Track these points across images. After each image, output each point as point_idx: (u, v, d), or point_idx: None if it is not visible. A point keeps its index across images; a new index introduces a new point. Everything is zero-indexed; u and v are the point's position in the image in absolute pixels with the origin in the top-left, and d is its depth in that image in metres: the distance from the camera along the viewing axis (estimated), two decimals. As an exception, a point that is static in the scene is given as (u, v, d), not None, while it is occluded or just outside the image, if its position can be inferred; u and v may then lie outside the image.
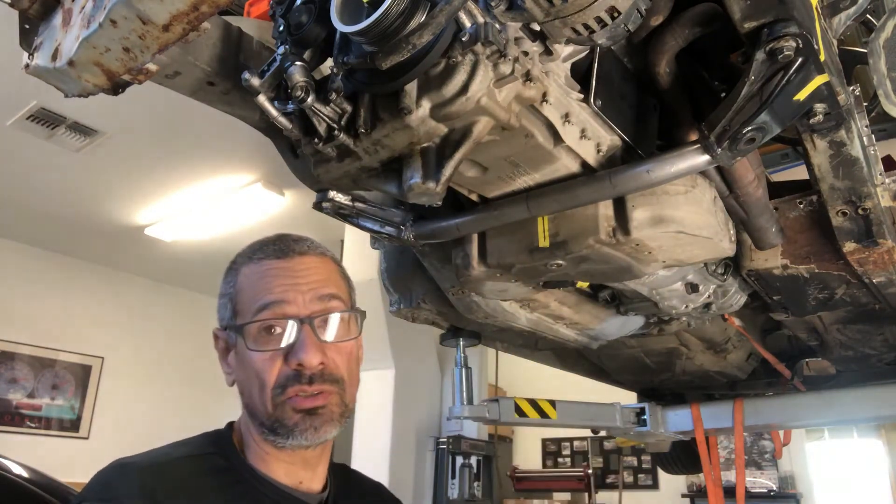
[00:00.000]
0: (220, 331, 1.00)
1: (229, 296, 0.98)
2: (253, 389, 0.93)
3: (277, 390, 0.91)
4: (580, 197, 1.12)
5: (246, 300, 0.95)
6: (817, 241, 1.44)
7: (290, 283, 0.95)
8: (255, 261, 0.98)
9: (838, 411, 2.48)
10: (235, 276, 0.99)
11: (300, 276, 0.96)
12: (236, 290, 0.97)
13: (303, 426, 0.91)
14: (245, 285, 0.96)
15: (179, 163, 4.94)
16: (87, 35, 0.79)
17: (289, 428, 0.90)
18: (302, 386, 0.91)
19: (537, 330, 1.77)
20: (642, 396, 3.04)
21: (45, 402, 6.50)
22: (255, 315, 0.93)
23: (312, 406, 0.91)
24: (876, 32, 1.16)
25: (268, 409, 0.91)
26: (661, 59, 1.09)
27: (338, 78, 0.91)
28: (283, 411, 0.91)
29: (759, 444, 7.15)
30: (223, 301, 0.99)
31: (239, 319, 0.95)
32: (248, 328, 0.92)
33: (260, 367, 0.92)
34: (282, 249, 0.98)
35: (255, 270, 0.97)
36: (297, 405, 0.91)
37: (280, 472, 0.95)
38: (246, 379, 0.94)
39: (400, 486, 5.29)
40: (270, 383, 0.91)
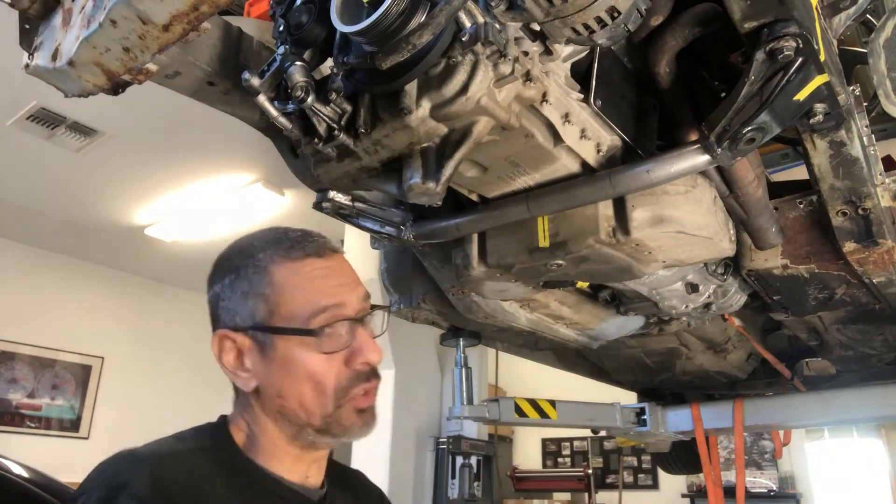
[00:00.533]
0: (233, 332, 0.92)
1: (261, 295, 0.91)
2: (304, 393, 0.90)
3: (341, 392, 0.90)
4: (580, 197, 1.12)
5: (294, 302, 0.91)
6: (817, 241, 1.44)
7: (341, 284, 0.93)
8: (294, 259, 0.93)
9: (838, 411, 2.48)
10: (266, 274, 0.92)
11: (344, 275, 0.95)
12: (277, 289, 0.91)
13: (359, 423, 0.92)
14: (291, 285, 0.91)
15: (179, 163, 4.94)
16: (87, 35, 0.79)
17: (345, 427, 0.91)
18: (367, 384, 0.92)
19: (537, 330, 1.77)
20: (642, 396, 3.04)
21: (45, 402, 6.49)
22: (311, 318, 0.89)
23: (371, 404, 0.94)
24: (876, 32, 1.16)
25: (327, 410, 0.90)
26: (661, 59, 1.09)
27: (338, 78, 0.91)
28: (345, 412, 0.91)
29: (759, 444, 7.15)
30: (250, 301, 0.92)
31: (280, 321, 0.90)
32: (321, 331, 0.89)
33: (317, 369, 0.90)
34: (320, 247, 0.95)
35: (299, 270, 0.92)
36: (359, 405, 0.92)
37: (286, 467, 0.93)
38: (290, 383, 0.90)
39: (400, 486, 5.30)
40: (332, 386, 0.90)
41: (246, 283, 0.92)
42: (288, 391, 0.91)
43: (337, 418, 0.90)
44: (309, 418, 0.90)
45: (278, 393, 0.91)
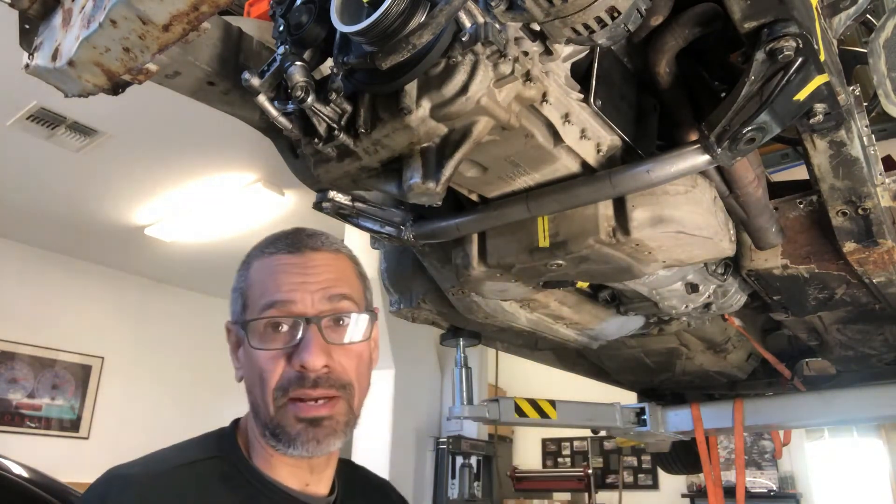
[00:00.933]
0: (231, 325, 0.97)
1: (240, 290, 0.95)
2: (255, 389, 0.90)
3: (279, 392, 0.87)
4: (580, 197, 1.12)
5: (255, 296, 0.92)
6: (817, 241, 1.44)
7: (299, 281, 0.91)
8: (267, 255, 0.94)
9: (838, 411, 2.48)
10: (248, 269, 0.95)
11: (310, 273, 0.92)
12: (247, 284, 0.94)
13: (305, 437, 0.87)
14: (255, 280, 0.93)
15: (179, 163, 4.94)
16: (87, 35, 0.79)
17: (290, 436, 0.87)
18: (305, 389, 0.87)
19: (537, 330, 1.77)
20: (642, 396, 3.04)
21: (45, 402, 6.49)
22: (261, 312, 0.90)
23: (316, 416, 0.87)
24: (876, 32, 1.16)
25: (269, 411, 0.88)
26: (661, 59, 1.09)
27: (338, 78, 0.91)
28: (285, 417, 0.87)
29: (759, 444, 7.15)
30: (235, 295, 0.96)
31: (248, 315, 0.92)
32: (253, 325, 0.89)
33: (263, 366, 0.88)
34: (294, 244, 0.95)
35: (266, 265, 0.93)
36: (300, 413, 0.87)
37: (285, 474, 0.92)
38: (250, 378, 0.91)
39: (400, 485, 5.28)
40: (272, 384, 0.87)
41: (237, 279, 0.96)
42: (249, 385, 0.92)
43: (280, 422, 0.87)
44: (264, 417, 0.89)
45: (247, 388, 0.93)
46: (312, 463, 0.93)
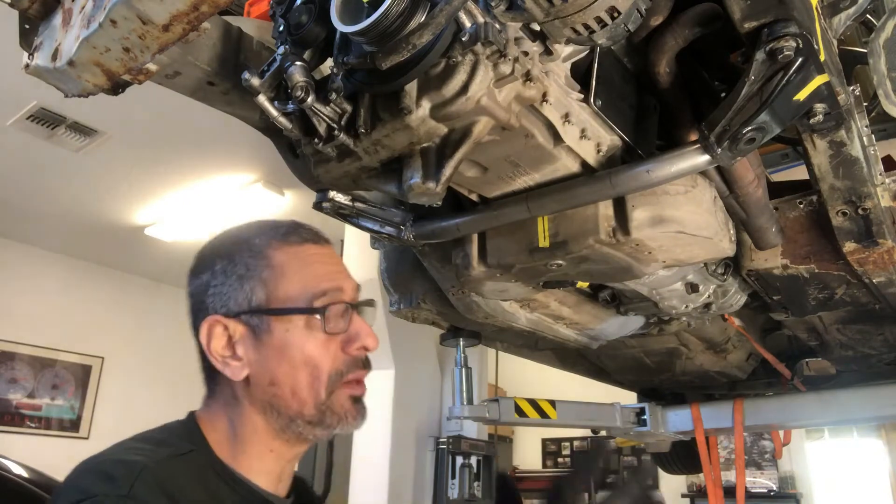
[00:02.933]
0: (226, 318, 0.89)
1: (259, 278, 0.89)
2: (298, 380, 0.87)
3: (336, 376, 0.88)
4: (580, 197, 1.12)
5: (292, 285, 0.89)
6: (817, 241, 1.44)
7: (338, 270, 0.94)
8: (292, 244, 0.92)
9: (838, 411, 2.48)
10: (264, 257, 0.90)
11: (338, 263, 0.96)
12: (275, 272, 0.89)
13: (353, 412, 0.90)
14: (288, 268, 0.90)
15: (179, 163, 4.94)
16: (87, 35, 0.79)
17: (339, 416, 0.89)
18: (361, 371, 0.91)
19: (537, 330, 1.77)
20: (642, 396, 3.04)
21: (45, 402, 6.49)
22: (313, 300, 0.89)
23: (362, 393, 0.92)
24: (876, 32, 1.16)
25: (320, 397, 0.88)
26: (661, 59, 1.09)
27: (338, 78, 0.91)
28: (338, 398, 0.89)
29: (759, 444, 7.15)
30: (248, 285, 0.89)
31: (278, 304, 0.88)
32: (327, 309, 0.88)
33: (316, 352, 0.88)
34: (315, 235, 0.96)
35: (297, 254, 0.92)
36: (355, 392, 0.91)
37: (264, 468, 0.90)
38: (286, 370, 0.87)
39: (400, 486, 5.29)
40: (327, 370, 0.88)
41: (242, 267, 0.90)
42: (282, 378, 0.88)
43: (330, 405, 0.88)
44: (301, 407, 0.88)
45: (271, 380, 0.88)
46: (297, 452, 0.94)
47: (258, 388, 0.89)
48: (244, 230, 0.96)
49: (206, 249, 0.97)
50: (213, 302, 0.90)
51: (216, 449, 0.89)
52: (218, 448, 0.89)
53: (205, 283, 0.92)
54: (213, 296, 0.90)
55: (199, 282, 0.93)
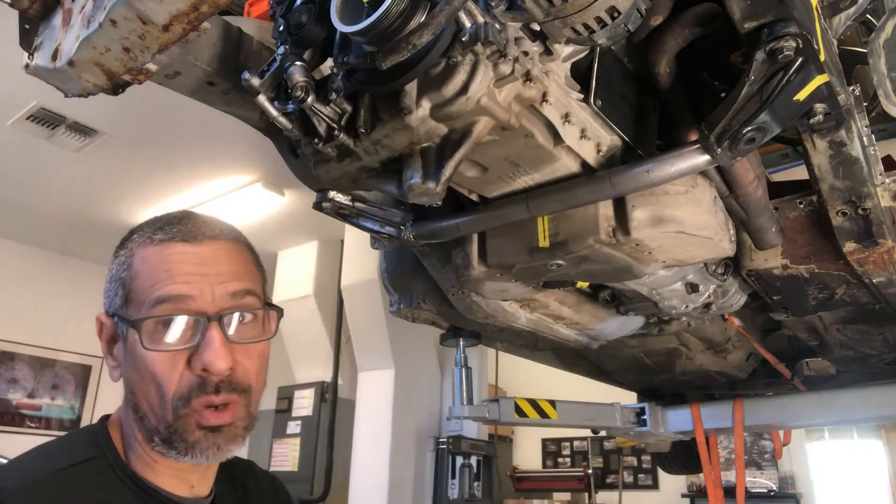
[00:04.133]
0: (105, 317, 0.85)
1: (121, 280, 0.83)
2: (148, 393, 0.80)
3: (179, 401, 0.79)
4: (580, 197, 1.12)
5: (142, 288, 0.81)
6: (817, 241, 1.44)
7: (198, 273, 0.82)
8: (157, 242, 0.84)
9: (838, 411, 2.48)
10: (130, 257, 0.84)
11: (210, 264, 0.83)
12: (131, 274, 0.82)
13: (205, 444, 0.80)
14: (142, 270, 0.82)
15: (179, 163, 4.94)
16: (87, 35, 0.79)
17: (189, 444, 0.79)
18: (209, 396, 0.79)
19: (537, 330, 1.77)
20: (642, 396, 3.04)
21: (45, 402, 6.49)
22: (152, 308, 0.79)
23: (218, 423, 0.81)
24: (876, 32, 1.16)
25: (167, 419, 0.79)
26: (661, 59, 1.09)
27: (338, 78, 0.91)
28: (186, 425, 0.79)
29: (759, 444, 7.15)
30: (113, 285, 0.84)
31: (132, 309, 0.81)
32: (143, 323, 0.79)
33: (158, 369, 0.79)
34: (189, 232, 0.84)
35: (156, 254, 0.83)
36: (203, 421, 0.80)
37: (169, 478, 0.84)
38: (138, 380, 0.81)
39: (400, 486, 5.29)
40: (171, 391, 0.79)
41: (115, 266, 0.86)
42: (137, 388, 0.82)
43: (178, 430, 0.79)
44: (156, 423, 0.80)
45: (132, 388, 0.83)
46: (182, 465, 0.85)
47: (127, 392, 0.84)
48: (141, 227, 0.89)
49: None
50: (104, 298, 0.87)
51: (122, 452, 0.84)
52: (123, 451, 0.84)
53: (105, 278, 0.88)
54: (104, 292, 0.87)
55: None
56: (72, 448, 0.83)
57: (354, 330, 5.58)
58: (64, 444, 0.86)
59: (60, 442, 0.87)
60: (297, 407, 5.92)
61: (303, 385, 5.99)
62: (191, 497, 0.86)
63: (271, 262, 6.35)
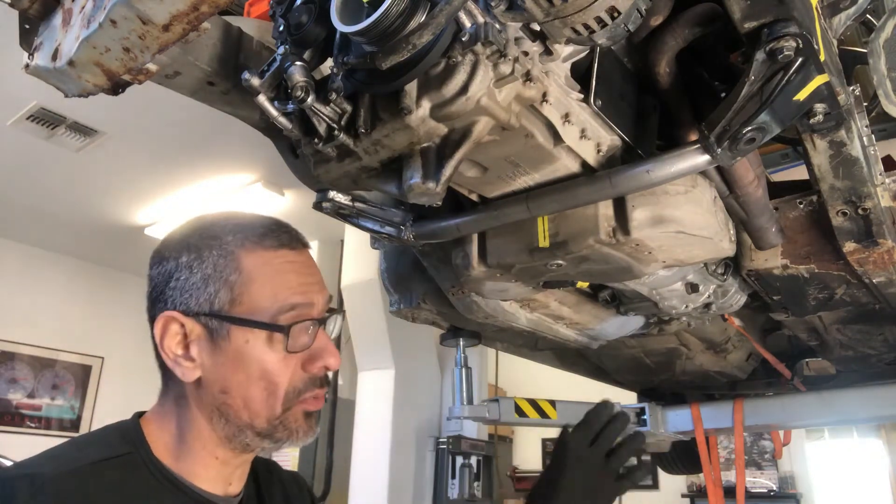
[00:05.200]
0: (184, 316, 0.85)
1: (226, 281, 0.84)
2: (252, 392, 0.84)
3: (292, 394, 0.85)
4: (580, 197, 1.12)
5: (262, 294, 0.85)
6: (817, 241, 1.44)
7: (311, 282, 0.89)
8: (267, 248, 0.87)
9: (838, 411, 2.48)
10: (234, 259, 0.85)
11: (313, 273, 0.91)
12: (244, 277, 0.85)
13: (305, 427, 0.87)
14: (258, 275, 0.85)
15: (179, 163, 4.94)
16: (87, 35, 0.79)
17: (291, 431, 0.86)
18: (319, 389, 0.88)
19: (537, 330, 1.77)
20: (642, 396, 3.04)
21: (45, 402, 6.50)
22: (279, 314, 0.84)
23: (317, 409, 0.89)
24: (876, 32, 1.16)
25: (275, 412, 0.84)
26: (661, 59, 1.09)
27: (338, 78, 0.91)
28: (292, 414, 0.86)
29: (759, 444, 7.15)
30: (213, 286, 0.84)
31: (242, 311, 0.84)
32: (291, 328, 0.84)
33: (273, 368, 0.84)
34: (293, 239, 0.91)
35: (270, 261, 0.87)
36: (309, 408, 0.88)
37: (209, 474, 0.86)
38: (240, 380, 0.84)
39: (400, 486, 5.29)
40: (284, 387, 0.84)
41: (209, 265, 0.85)
42: (235, 387, 0.84)
43: (283, 421, 0.85)
44: (252, 419, 0.84)
45: (223, 388, 0.84)
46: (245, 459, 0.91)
47: (208, 393, 0.85)
48: (219, 224, 0.90)
49: (175, 235, 0.92)
50: (173, 295, 0.85)
51: (157, 450, 0.85)
52: (160, 449, 0.85)
53: (167, 272, 0.87)
54: (174, 289, 0.86)
55: (163, 269, 0.88)
56: (105, 443, 0.85)
57: (354, 330, 5.58)
58: (97, 438, 0.88)
59: (93, 436, 0.89)
60: (297, 407, 5.91)
61: (303, 385, 5.97)
62: (223, 495, 0.89)
63: (271, 262, 6.34)
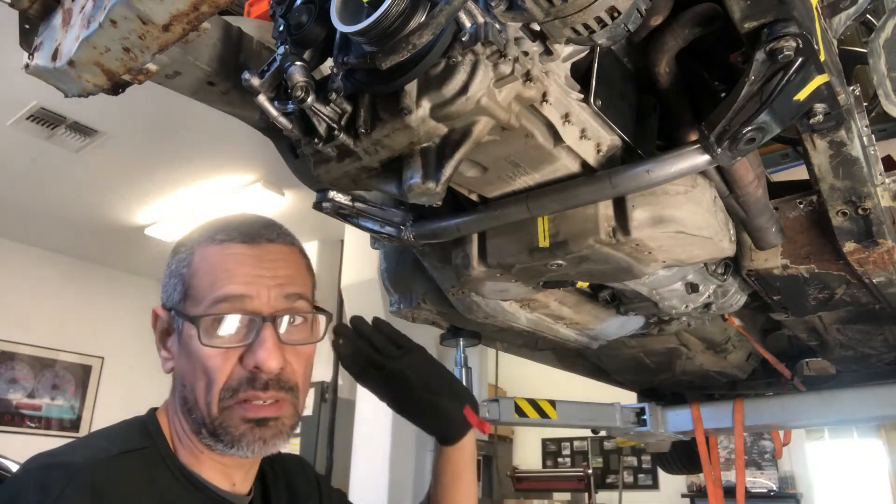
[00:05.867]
0: (162, 310, 0.90)
1: (181, 276, 0.87)
2: (197, 386, 0.83)
3: (227, 392, 0.82)
4: (580, 197, 1.12)
5: (202, 286, 0.85)
6: (817, 241, 1.44)
7: (256, 274, 0.86)
8: (218, 242, 0.87)
9: (838, 411, 2.49)
10: (191, 254, 0.88)
11: (267, 266, 0.87)
12: (191, 271, 0.86)
13: (250, 437, 0.83)
14: (203, 269, 0.86)
15: (179, 163, 4.94)
16: (87, 35, 0.79)
17: (234, 437, 0.82)
18: (256, 391, 0.83)
19: (537, 330, 1.77)
20: (642, 396, 3.04)
21: (45, 402, 6.50)
22: (211, 306, 0.83)
23: (264, 416, 0.83)
24: (876, 32, 1.16)
25: (212, 411, 0.82)
26: (661, 59, 1.09)
27: (338, 78, 0.91)
28: (230, 418, 0.82)
29: (759, 444, 7.16)
30: (173, 281, 0.89)
31: (190, 305, 0.85)
32: (202, 320, 0.83)
33: (209, 363, 0.82)
34: (249, 234, 0.89)
35: (217, 253, 0.87)
36: (248, 414, 0.83)
37: (213, 472, 0.86)
38: (190, 372, 0.84)
39: (400, 486, 5.29)
40: (219, 384, 0.82)
41: (176, 262, 0.90)
42: (189, 381, 0.85)
43: (223, 423, 0.82)
44: (203, 416, 0.83)
45: (183, 381, 0.86)
46: (243, 462, 0.89)
47: (178, 384, 0.88)
48: (203, 227, 0.93)
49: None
50: (161, 292, 0.93)
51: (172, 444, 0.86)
52: (175, 443, 0.87)
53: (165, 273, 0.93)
54: (163, 287, 0.92)
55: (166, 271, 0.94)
56: (126, 436, 0.85)
57: (354, 330, 5.57)
58: (120, 430, 0.88)
59: (115, 429, 0.89)
60: (297, 407, 5.92)
61: (303, 385, 5.98)
62: (233, 493, 0.88)
63: (271, 262, 6.34)
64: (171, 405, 0.90)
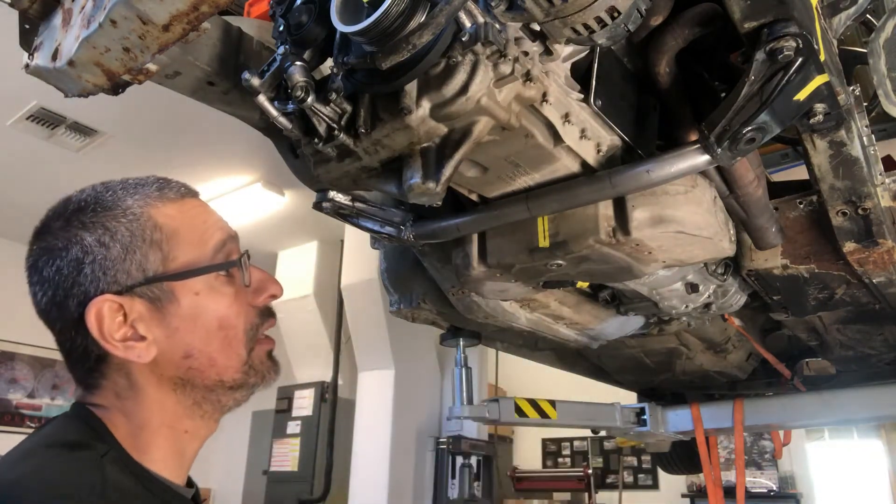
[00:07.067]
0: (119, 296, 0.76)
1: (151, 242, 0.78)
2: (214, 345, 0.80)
3: (252, 333, 0.84)
4: (580, 197, 1.12)
5: (191, 241, 0.81)
6: (817, 241, 1.44)
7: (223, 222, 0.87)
8: (173, 199, 0.83)
9: (838, 411, 2.49)
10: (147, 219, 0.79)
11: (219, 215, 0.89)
12: (165, 233, 0.79)
13: (270, 367, 0.87)
14: (179, 225, 0.81)
15: (179, 163, 4.94)
16: (87, 35, 0.79)
17: (260, 372, 0.85)
18: (270, 321, 0.87)
19: (537, 330, 1.77)
20: (642, 396, 3.04)
21: (45, 402, 6.50)
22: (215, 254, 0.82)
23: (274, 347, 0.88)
24: (876, 32, 1.16)
25: (242, 357, 0.82)
26: (661, 59, 1.09)
27: (338, 78, 0.92)
28: (257, 354, 0.84)
29: (759, 444, 7.15)
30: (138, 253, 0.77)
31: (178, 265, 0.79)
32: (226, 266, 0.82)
33: (229, 312, 0.81)
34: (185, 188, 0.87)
35: (183, 209, 0.83)
36: (268, 347, 0.87)
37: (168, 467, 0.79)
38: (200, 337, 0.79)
39: (400, 486, 5.29)
40: (242, 328, 0.82)
41: (123, 234, 0.77)
42: (198, 347, 0.79)
43: (252, 363, 0.83)
44: (221, 375, 0.81)
45: (185, 353, 0.79)
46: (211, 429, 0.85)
47: (169, 364, 0.78)
48: (103, 195, 0.83)
49: (52, 226, 0.84)
50: (92, 282, 0.76)
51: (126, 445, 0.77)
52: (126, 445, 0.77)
53: (74, 260, 0.77)
54: (92, 273, 0.76)
55: (61, 263, 0.79)
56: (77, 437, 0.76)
57: (354, 330, 5.58)
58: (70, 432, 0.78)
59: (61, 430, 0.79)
60: (297, 407, 5.92)
61: (303, 385, 5.99)
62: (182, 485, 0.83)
63: (271, 262, 6.35)
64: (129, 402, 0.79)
